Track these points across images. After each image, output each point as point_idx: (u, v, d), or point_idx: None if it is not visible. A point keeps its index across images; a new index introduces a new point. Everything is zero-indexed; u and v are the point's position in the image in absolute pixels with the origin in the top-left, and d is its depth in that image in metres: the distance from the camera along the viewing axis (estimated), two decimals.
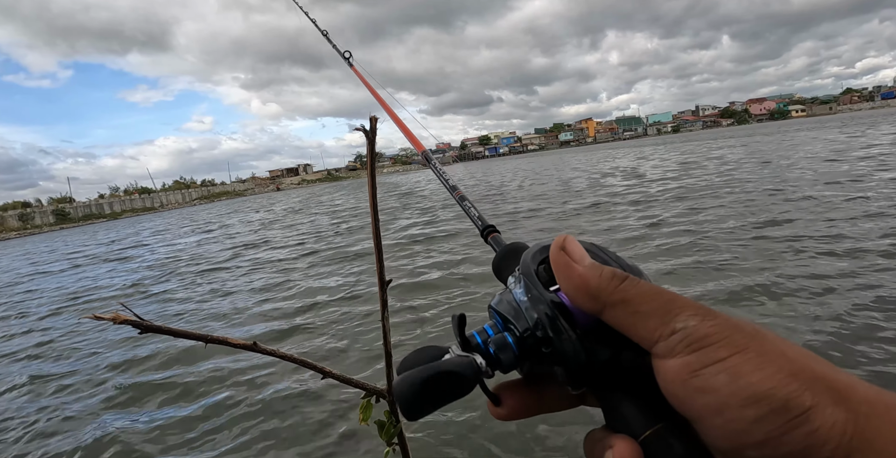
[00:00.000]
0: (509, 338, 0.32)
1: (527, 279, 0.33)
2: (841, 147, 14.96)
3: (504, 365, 0.32)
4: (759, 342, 0.25)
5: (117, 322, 0.49)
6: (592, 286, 0.29)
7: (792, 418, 0.23)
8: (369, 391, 0.66)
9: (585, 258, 0.31)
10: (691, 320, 0.26)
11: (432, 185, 26.43)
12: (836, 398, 0.23)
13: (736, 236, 5.33)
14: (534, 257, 0.33)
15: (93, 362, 4.32)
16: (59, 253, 18.67)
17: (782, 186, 8.47)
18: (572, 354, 0.30)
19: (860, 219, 5.29)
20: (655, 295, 0.28)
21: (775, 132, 37.20)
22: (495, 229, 0.47)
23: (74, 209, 79.28)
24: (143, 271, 9.78)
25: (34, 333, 5.60)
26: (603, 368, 0.30)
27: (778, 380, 0.24)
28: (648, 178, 13.70)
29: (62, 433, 3.05)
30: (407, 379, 0.31)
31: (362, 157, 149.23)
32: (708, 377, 0.25)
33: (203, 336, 0.56)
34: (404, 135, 0.75)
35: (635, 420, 0.30)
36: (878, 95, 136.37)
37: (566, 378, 0.31)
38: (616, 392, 0.31)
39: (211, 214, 31.55)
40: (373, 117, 0.58)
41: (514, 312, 0.33)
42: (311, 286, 5.90)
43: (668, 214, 7.36)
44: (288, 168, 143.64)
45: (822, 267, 3.97)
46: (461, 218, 9.41)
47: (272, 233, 13.24)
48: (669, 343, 0.27)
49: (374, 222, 0.62)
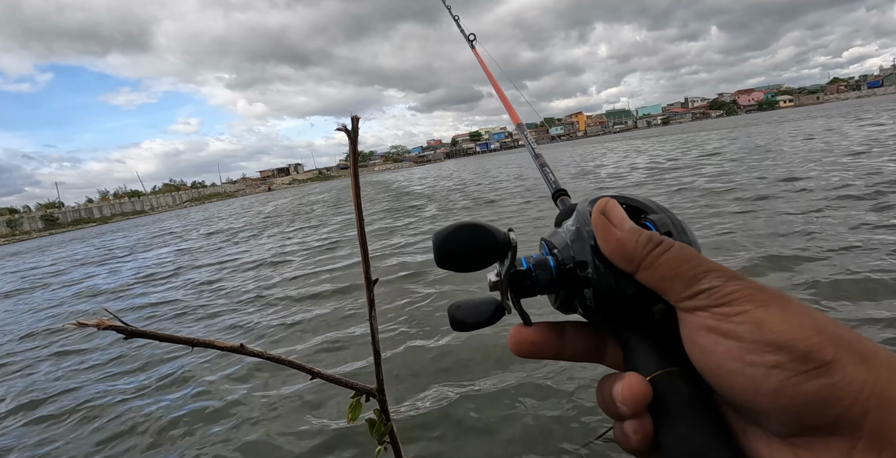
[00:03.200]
0: (551, 261, 0.35)
1: (579, 212, 0.36)
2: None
3: (540, 284, 0.35)
4: (783, 302, 0.26)
5: (102, 328, 0.49)
6: (627, 250, 0.31)
7: (811, 368, 0.23)
8: (359, 390, 0.66)
9: (625, 222, 0.32)
10: (716, 280, 0.27)
11: (428, 180, 26.36)
12: (858, 358, 0.24)
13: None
14: (591, 202, 0.36)
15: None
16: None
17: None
18: (604, 278, 0.32)
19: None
20: (684, 260, 0.29)
21: (763, 122, 37.40)
22: (566, 192, 0.51)
23: (63, 214, 78.47)
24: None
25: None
26: (629, 302, 0.32)
27: (801, 332, 0.24)
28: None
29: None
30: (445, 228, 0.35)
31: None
32: (732, 326, 0.26)
33: (189, 340, 0.56)
34: (507, 110, 0.84)
35: (650, 359, 0.31)
36: (864, 84, 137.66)
37: (593, 302, 0.33)
38: (636, 333, 0.33)
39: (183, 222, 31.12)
40: (354, 117, 0.58)
41: (561, 241, 0.36)
42: (297, 284, 5.88)
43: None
44: (279, 168, 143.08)
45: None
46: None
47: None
48: (695, 301, 0.28)
49: (359, 222, 0.62)
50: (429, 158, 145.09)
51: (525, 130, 0.73)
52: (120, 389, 3.65)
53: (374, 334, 0.67)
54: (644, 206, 0.36)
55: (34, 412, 3.52)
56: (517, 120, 0.80)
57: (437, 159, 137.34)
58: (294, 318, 4.64)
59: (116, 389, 3.66)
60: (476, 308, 0.37)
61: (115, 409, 3.31)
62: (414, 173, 50.40)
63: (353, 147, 0.61)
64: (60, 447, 2.94)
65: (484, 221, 0.35)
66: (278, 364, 0.64)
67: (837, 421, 0.23)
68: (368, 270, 0.63)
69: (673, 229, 0.33)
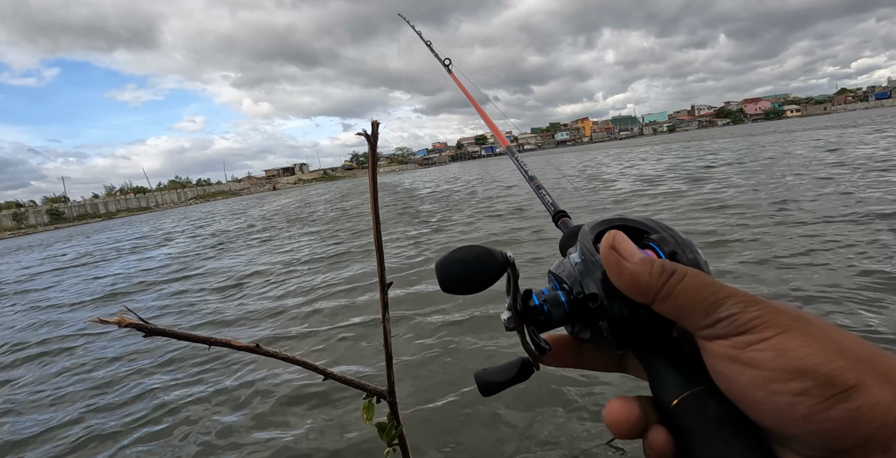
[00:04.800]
0: (562, 297, 0.35)
1: (582, 244, 0.36)
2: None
3: (555, 320, 0.35)
4: (803, 324, 0.26)
5: (122, 326, 0.50)
6: (642, 283, 0.30)
7: (836, 393, 0.23)
8: (370, 391, 0.66)
9: (635, 255, 0.32)
10: (735, 308, 0.27)
11: (429, 184, 26.32)
12: (883, 379, 0.24)
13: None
14: (592, 229, 0.36)
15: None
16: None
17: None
18: (618, 310, 0.32)
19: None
20: (700, 288, 0.29)
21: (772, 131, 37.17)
22: (566, 213, 0.52)
23: (69, 209, 78.83)
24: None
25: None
26: (646, 328, 0.32)
27: (823, 357, 0.24)
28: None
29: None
30: (447, 256, 0.36)
31: (358, 156, 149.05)
32: (754, 354, 0.26)
33: (207, 339, 0.56)
34: (494, 133, 0.86)
35: (674, 382, 0.31)
36: (872, 96, 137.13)
37: (610, 333, 0.33)
38: (659, 355, 0.33)
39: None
40: (374, 122, 0.59)
41: (569, 273, 0.36)
42: (312, 286, 5.89)
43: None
44: (284, 168, 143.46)
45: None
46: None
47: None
48: (715, 330, 0.28)
49: (376, 225, 0.63)
50: (434, 160, 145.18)
51: (515, 153, 0.73)
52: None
53: (386, 336, 0.67)
54: (645, 226, 0.36)
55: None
56: (506, 144, 0.80)
57: (442, 162, 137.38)
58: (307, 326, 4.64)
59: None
60: (502, 369, 0.37)
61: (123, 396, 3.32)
62: (422, 175, 50.29)
63: (372, 152, 0.62)
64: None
65: (480, 243, 0.36)
66: (291, 364, 0.65)
67: (866, 444, 0.23)
68: (384, 273, 0.64)
69: (677, 248, 0.33)
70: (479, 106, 0.97)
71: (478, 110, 0.96)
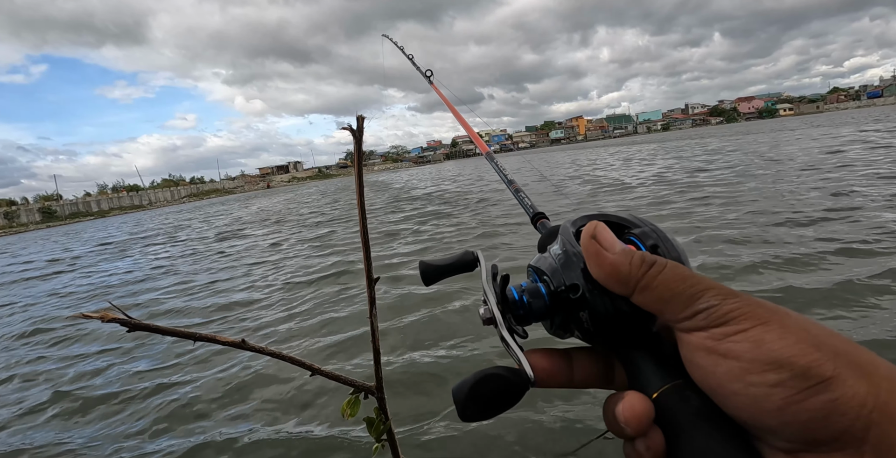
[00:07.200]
0: (542, 288, 0.35)
1: (563, 236, 0.36)
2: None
3: (535, 312, 0.35)
4: (781, 317, 0.26)
5: (105, 321, 0.49)
6: (622, 274, 0.30)
7: (812, 385, 0.24)
8: (358, 387, 0.66)
9: (615, 245, 0.31)
10: (713, 299, 0.27)
11: (430, 185, 26.18)
12: (859, 372, 0.24)
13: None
14: (573, 223, 0.36)
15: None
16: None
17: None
18: (599, 299, 0.32)
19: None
20: (680, 280, 0.29)
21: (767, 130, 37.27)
22: (544, 215, 0.52)
23: (61, 207, 78.21)
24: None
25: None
26: (627, 320, 0.32)
27: (800, 349, 0.24)
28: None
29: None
30: (460, 385, 0.33)
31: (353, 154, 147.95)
32: (731, 345, 0.26)
33: (191, 334, 0.56)
34: (473, 140, 0.87)
35: (654, 375, 0.31)
36: (864, 95, 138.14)
37: (591, 324, 0.33)
38: (638, 350, 0.32)
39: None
40: (359, 116, 0.59)
41: (549, 266, 0.36)
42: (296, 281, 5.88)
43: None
44: (278, 166, 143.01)
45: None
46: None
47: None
48: (694, 322, 0.28)
49: (362, 220, 0.63)
50: (428, 158, 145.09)
51: (494, 158, 0.74)
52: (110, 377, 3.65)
53: (374, 332, 0.67)
54: (626, 221, 0.36)
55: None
56: (485, 149, 0.81)
57: (437, 160, 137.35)
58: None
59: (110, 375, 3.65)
60: (445, 260, 0.39)
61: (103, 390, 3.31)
62: (417, 173, 50.22)
63: (357, 146, 0.62)
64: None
65: (497, 364, 0.34)
66: (279, 360, 0.65)
67: (842, 436, 0.23)
68: (370, 268, 0.64)
69: (658, 241, 0.33)
70: (458, 114, 0.98)
71: (457, 118, 0.97)
